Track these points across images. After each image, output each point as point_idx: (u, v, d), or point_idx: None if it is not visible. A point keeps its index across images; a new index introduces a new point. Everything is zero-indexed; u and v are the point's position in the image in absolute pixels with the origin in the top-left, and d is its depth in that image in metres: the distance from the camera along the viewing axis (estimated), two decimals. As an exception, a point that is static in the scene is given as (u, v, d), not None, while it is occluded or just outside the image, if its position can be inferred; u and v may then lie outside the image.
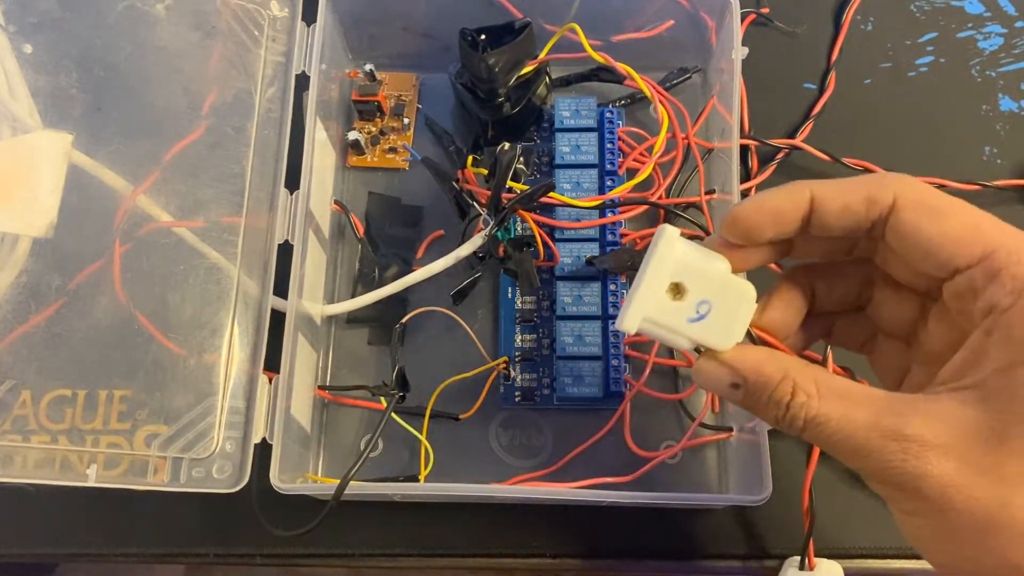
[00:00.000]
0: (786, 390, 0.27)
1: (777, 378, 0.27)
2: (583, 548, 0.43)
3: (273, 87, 0.46)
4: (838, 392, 0.27)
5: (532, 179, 0.48)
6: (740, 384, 0.28)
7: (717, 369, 0.29)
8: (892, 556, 0.43)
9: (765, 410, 0.28)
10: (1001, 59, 0.53)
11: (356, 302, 0.46)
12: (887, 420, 0.25)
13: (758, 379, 0.28)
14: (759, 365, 0.28)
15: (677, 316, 0.28)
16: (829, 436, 0.26)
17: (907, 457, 0.25)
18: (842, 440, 0.26)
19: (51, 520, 0.44)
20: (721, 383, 0.29)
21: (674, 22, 0.48)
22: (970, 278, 0.26)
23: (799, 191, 0.28)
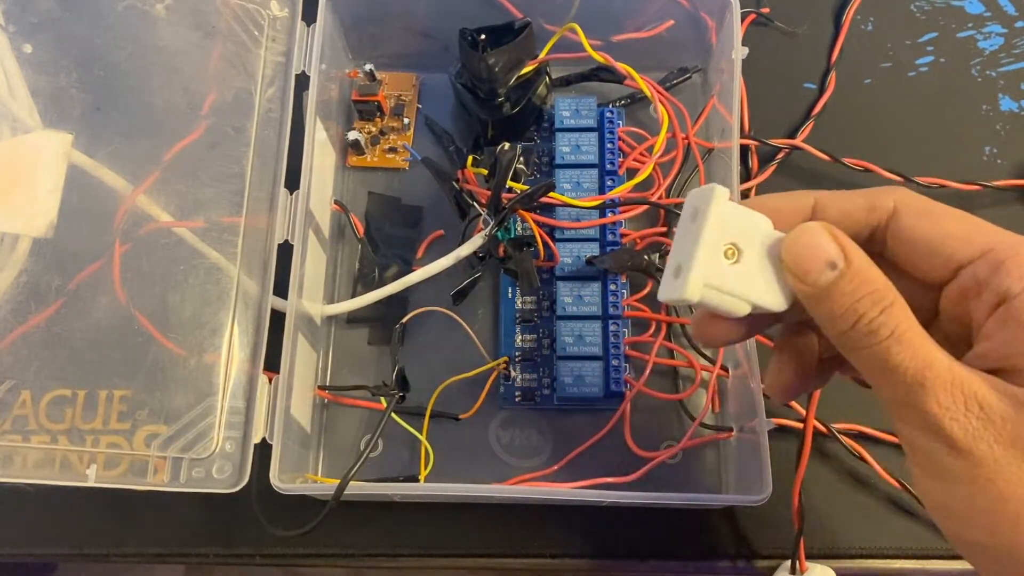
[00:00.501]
0: (889, 294, 0.25)
1: (884, 282, 0.26)
2: (583, 548, 0.43)
3: (273, 87, 0.46)
4: (922, 330, 0.26)
5: (532, 179, 0.48)
6: (839, 267, 0.26)
7: (827, 241, 0.26)
8: (890, 556, 0.43)
9: (854, 304, 0.26)
10: (1001, 59, 0.53)
11: (356, 302, 0.46)
12: (962, 374, 0.25)
13: (864, 269, 0.26)
14: (871, 263, 0.26)
15: (737, 278, 0.27)
16: (907, 359, 0.25)
17: (969, 414, 0.24)
18: (916, 368, 0.25)
19: (51, 520, 0.44)
20: (821, 256, 0.26)
21: (674, 22, 0.48)
22: (974, 271, 0.26)
23: (801, 195, 0.28)
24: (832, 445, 0.44)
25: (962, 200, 0.49)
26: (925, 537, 0.43)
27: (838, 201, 0.28)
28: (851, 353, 0.26)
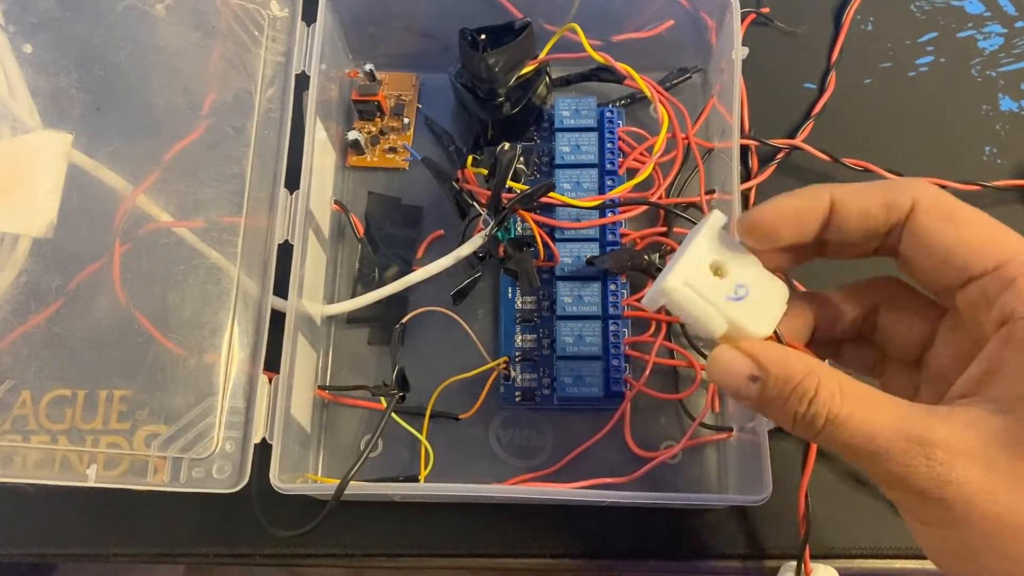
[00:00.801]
0: (811, 385, 0.26)
1: (803, 372, 0.26)
2: (583, 548, 0.43)
3: (273, 87, 0.46)
4: (862, 394, 0.26)
5: (532, 179, 0.48)
6: (760, 377, 0.27)
7: (738, 359, 0.28)
8: (892, 556, 0.43)
9: (784, 406, 0.27)
10: (1001, 59, 0.53)
11: (356, 302, 0.46)
12: (911, 425, 0.25)
13: (781, 372, 0.27)
14: (784, 359, 0.27)
15: (716, 290, 0.28)
16: (850, 437, 0.25)
17: (931, 463, 0.24)
18: (863, 442, 0.25)
19: (51, 520, 0.44)
20: (740, 373, 0.28)
21: (674, 22, 0.48)
22: (984, 287, 0.26)
23: (818, 194, 0.28)
24: (832, 445, 0.44)
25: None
26: (925, 537, 0.43)
27: (855, 198, 0.28)
28: (813, 440, 0.27)
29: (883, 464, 0.25)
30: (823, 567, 0.41)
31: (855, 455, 0.26)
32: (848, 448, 0.26)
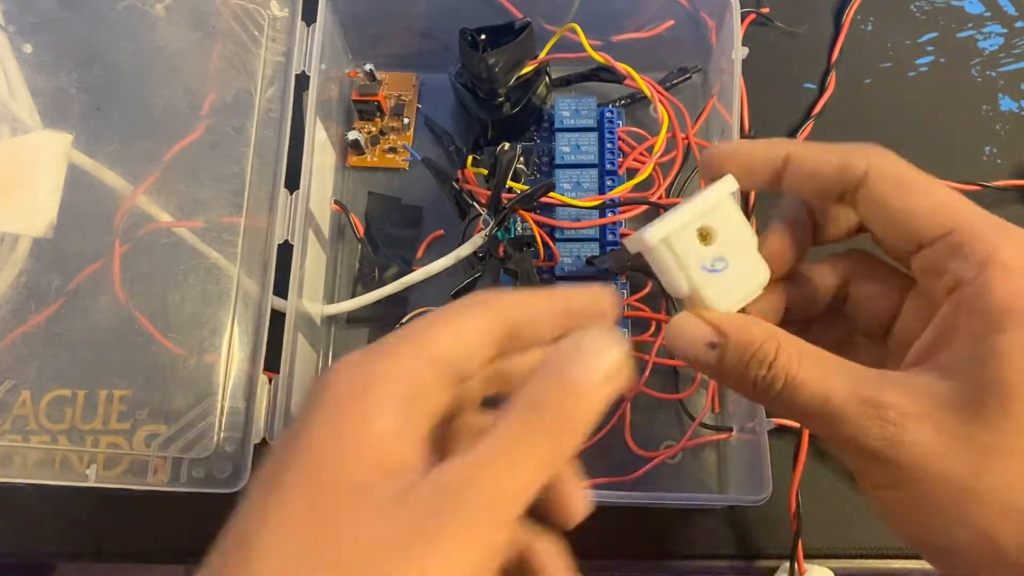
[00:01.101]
0: (770, 349, 0.26)
1: (762, 338, 0.27)
2: (583, 548, 0.43)
3: (273, 87, 0.46)
4: (818, 358, 0.26)
5: (532, 179, 0.48)
6: (718, 344, 0.27)
7: (698, 326, 0.28)
8: (890, 556, 0.43)
9: (744, 371, 0.27)
10: (1001, 59, 0.53)
11: (356, 302, 0.46)
12: (865, 388, 0.25)
13: (741, 337, 0.27)
14: (744, 325, 0.27)
15: (693, 256, 0.28)
16: (806, 401, 0.26)
17: (884, 424, 0.25)
18: (818, 405, 0.25)
19: (51, 520, 0.44)
20: (698, 341, 0.28)
21: (674, 22, 0.48)
22: (934, 254, 0.26)
23: (776, 146, 0.29)
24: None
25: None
26: (925, 537, 0.43)
27: (811, 156, 0.28)
28: (767, 407, 0.27)
29: (837, 426, 0.25)
30: (818, 568, 0.41)
31: (811, 419, 0.26)
32: (804, 412, 0.26)
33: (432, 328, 0.23)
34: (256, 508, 0.22)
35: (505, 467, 0.21)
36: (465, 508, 0.21)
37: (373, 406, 0.22)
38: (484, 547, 0.21)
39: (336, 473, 0.21)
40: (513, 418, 0.22)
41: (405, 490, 0.21)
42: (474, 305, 0.24)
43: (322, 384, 0.23)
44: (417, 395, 0.22)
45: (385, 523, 0.20)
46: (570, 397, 0.23)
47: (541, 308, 0.25)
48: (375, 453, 0.21)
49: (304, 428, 0.22)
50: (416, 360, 0.23)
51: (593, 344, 0.24)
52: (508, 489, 0.21)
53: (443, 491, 0.21)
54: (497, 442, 0.22)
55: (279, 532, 0.21)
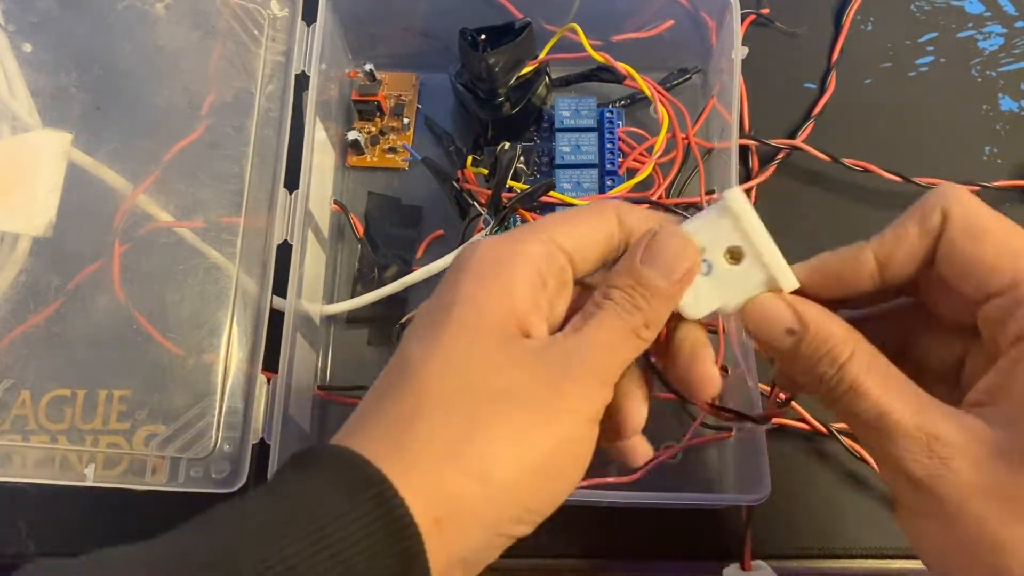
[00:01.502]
0: (845, 350, 0.26)
1: (841, 337, 0.27)
2: (583, 548, 0.43)
3: (273, 87, 0.46)
4: (888, 373, 0.26)
5: (532, 179, 0.48)
6: (797, 332, 0.27)
7: (781, 309, 0.28)
8: (890, 556, 0.43)
9: (815, 365, 0.27)
10: (1001, 59, 0.53)
11: (356, 302, 0.46)
12: (923, 415, 0.25)
13: (820, 332, 0.27)
14: (826, 320, 0.27)
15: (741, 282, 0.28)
16: (864, 410, 0.26)
17: (932, 454, 0.25)
18: (874, 418, 0.26)
19: (51, 520, 0.44)
20: (778, 324, 0.28)
21: (674, 22, 0.48)
22: (1001, 304, 0.26)
23: (859, 256, 0.28)
24: (832, 445, 0.44)
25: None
26: (925, 538, 0.43)
27: (896, 246, 0.28)
28: (828, 405, 0.27)
29: (888, 444, 0.25)
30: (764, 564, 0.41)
31: (865, 429, 0.26)
32: (860, 420, 0.26)
33: (559, 224, 0.28)
34: (420, 349, 0.27)
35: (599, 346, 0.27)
36: (582, 369, 0.26)
37: (512, 277, 0.27)
38: (594, 394, 0.27)
39: (489, 323, 0.26)
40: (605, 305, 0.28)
41: (539, 348, 0.27)
42: (595, 209, 0.29)
43: (468, 254, 0.28)
44: (544, 274, 0.28)
45: (532, 365, 0.26)
46: (648, 294, 0.28)
47: (652, 221, 0.29)
48: (516, 316, 0.27)
49: (458, 285, 0.27)
50: (545, 245, 0.28)
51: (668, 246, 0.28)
52: (601, 360, 0.27)
53: (567, 354, 0.27)
54: (593, 325, 0.27)
55: (443, 367, 0.26)
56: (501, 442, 0.25)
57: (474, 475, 0.24)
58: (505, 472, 0.25)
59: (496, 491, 0.25)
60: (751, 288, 0.28)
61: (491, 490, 0.25)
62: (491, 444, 0.25)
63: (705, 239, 0.28)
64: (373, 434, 0.25)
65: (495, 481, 0.25)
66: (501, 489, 0.25)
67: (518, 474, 0.25)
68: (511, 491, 0.25)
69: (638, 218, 0.29)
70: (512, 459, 0.25)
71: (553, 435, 0.25)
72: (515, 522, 0.26)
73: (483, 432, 0.25)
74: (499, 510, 0.25)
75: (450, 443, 0.25)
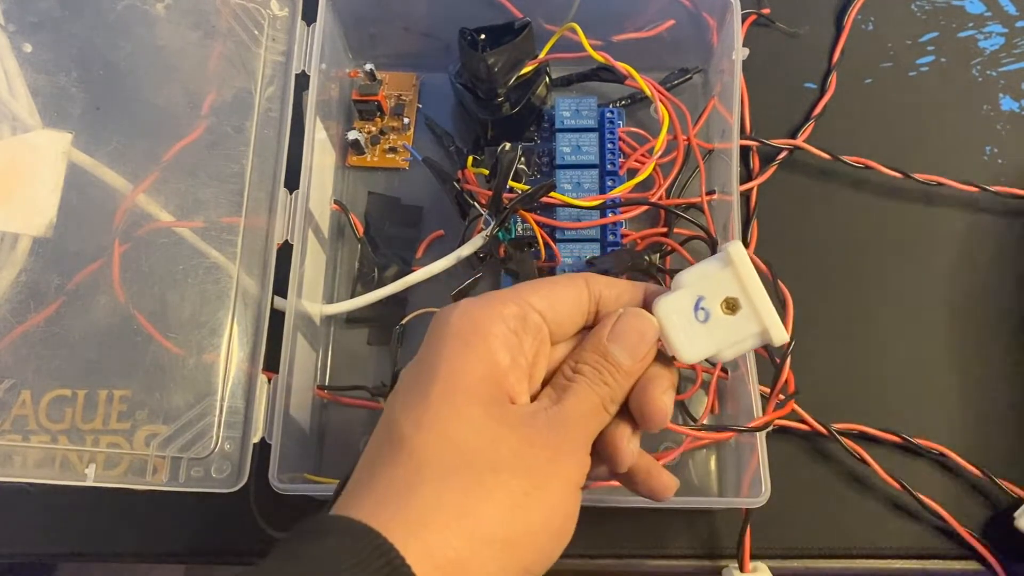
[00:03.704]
0: None
1: None
2: (583, 548, 0.43)
3: (273, 86, 0.46)
4: None
5: (533, 179, 0.48)
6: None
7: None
8: (890, 556, 0.43)
9: None
10: (1002, 59, 0.53)
11: (356, 302, 0.46)
12: None
13: None
14: None
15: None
16: None
17: None
18: None
19: (51, 520, 0.44)
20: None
21: (675, 22, 0.48)
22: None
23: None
24: (832, 445, 0.44)
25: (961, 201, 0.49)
26: (925, 537, 0.43)
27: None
28: None
29: None
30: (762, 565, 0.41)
31: None
32: None
33: (531, 288, 0.30)
34: (410, 419, 0.27)
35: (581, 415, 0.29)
36: (569, 438, 0.28)
37: (490, 340, 0.28)
38: (581, 461, 0.29)
39: (473, 390, 0.27)
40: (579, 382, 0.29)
41: (527, 417, 0.28)
42: (565, 276, 0.31)
43: (444, 319, 0.29)
44: (521, 334, 0.29)
45: (522, 433, 0.27)
46: (614, 372, 0.29)
47: (623, 292, 0.31)
48: (497, 379, 0.28)
49: (439, 351, 0.28)
50: (520, 306, 0.29)
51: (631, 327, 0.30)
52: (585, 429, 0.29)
53: (554, 425, 0.28)
54: (576, 396, 0.29)
55: (439, 439, 0.27)
56: (501, 508, 0.26)
57: (476, 539, 0.25)
58: (506, 536, 0.26)
59: (497, 554, 0.25)
60: (745, 338, 0.30)
61: (493, 553, 0.25)
62: (491, 510, 0.26)
63: (704, 288, 0.29)
64: (372, 502, 0.26)
65: (496, 544, 0.25)
66: (502, 551, 0.26)
67: (517, 537, 0.26)
68: (511, 553, 0.26)
69: (605, 284, 0.31)
70: (511, 523, 0.26)
71: (548, 500, 0.27)
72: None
73: (482, 499, 0.26)
74: (499, 569, 0.26)
75: (451, 510, 0.25)
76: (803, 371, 0.41)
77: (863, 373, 0.46)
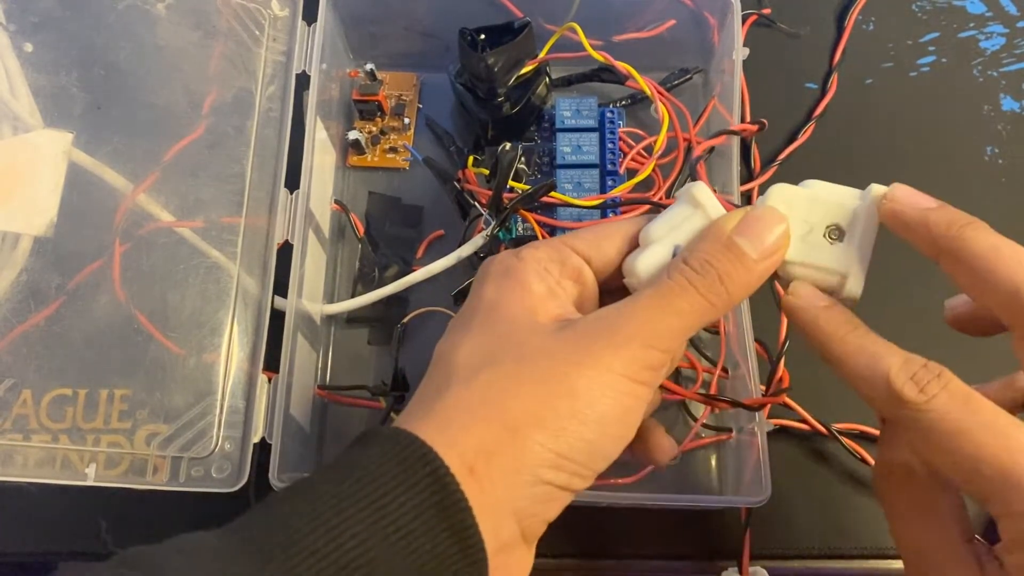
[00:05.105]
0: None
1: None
2: (583, 548, 0.43)
3: (273, 86, 0.46)
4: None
5: (533, 179, 0.48)
6: None
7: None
8: (891, 556, 0.43)
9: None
10: (1003, 59, 0.53)
11: (356, 302, 0.46)
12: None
13: None
14: None
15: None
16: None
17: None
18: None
19: (51, 520, 0.44)
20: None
21: (676, 22, 0.48)
22: None
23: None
24: (832, 445, 0.44)
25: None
26: (925, 538, 0.43)
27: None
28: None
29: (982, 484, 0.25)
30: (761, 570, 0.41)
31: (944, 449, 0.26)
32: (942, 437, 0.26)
33: (576, 232, 0.31)
34: (450, 343, 0.29)
35: (660, 308, 0.27)
36: (620, 332, 0.27)
37: (524, 275, 0.29)
38: (631, 353, 0.26)
39: (509, 316, 0.28)
40: (677, 274, 0.27)
41: (565, 325, 0.28)
42: (617, 219, 0.33)
43: (485, 267, 0.31)
44: (557, 269, 0.29)
45: (553, 342, 0.27)
46: (736, 264, 0.27)
47: None
48: (534, 306, 0.28)
49: (479, 294, 0.30)
50: (556, 249, 0.30)
51: (763, 219, 0.28)
52: (659, 325, 0.27)
53: (601, 317, 0.27)
54: (658, 290, 0.27)
55: (469, 350, 0.28)
56: (524, 396, 0.26)
57: (498, 423, 0.26)
58: (527, 417, 0.26)
59: (522, 435, 0.26)
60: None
61: (517, 435, 0.26)
62: (512, 398, 0.26)
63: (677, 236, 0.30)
64: (411, 414, 0.27)
65: (520, 427, 0.26)
66: (527, 433, 0.26)
67: (541, 416, 0.26)
68: (536, 433, 0.26)
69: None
70: (533, 403, 0.26)
71: (579, 386, 0.26)
72: (551, 468, 0.26)
73: (504, 389, 0.26)
74: (528, 453, 0.26)
75: (475, 402, 0.26)
76: (803, 371, 0.41)
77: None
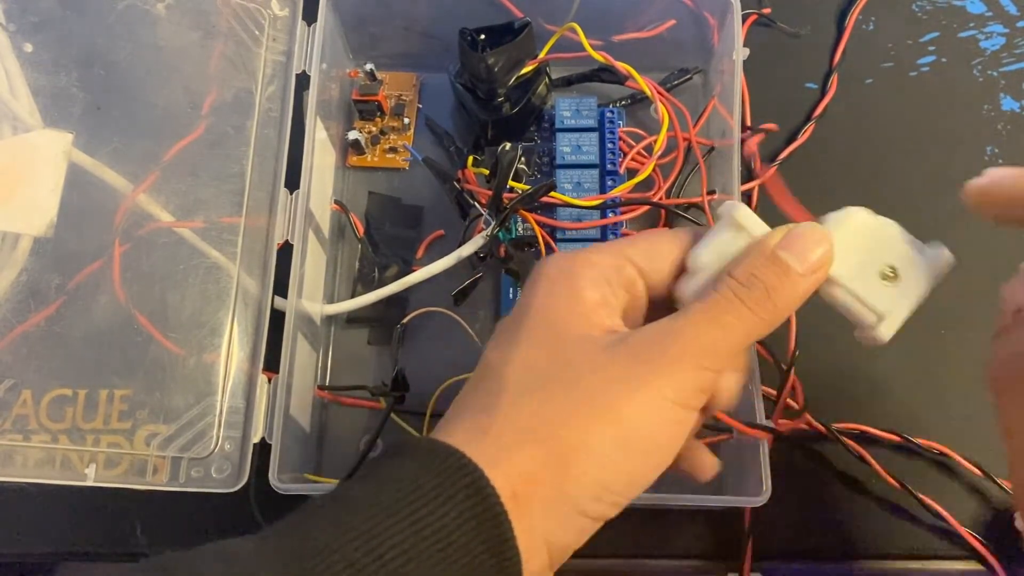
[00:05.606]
0: None
1: None
2: (583, 548, 0.43)
3: (273, 86, 0.46)
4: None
5: (533, 179, 0.48)
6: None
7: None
8: (891, 556, 0.43)
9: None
10: (1003, 59, 0.53)
11: (356, 302, 0.46)
12: None
13: None
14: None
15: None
16: None
17: None
18: None
19: (51, 520, 0.44)
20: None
21: (676, 22, 0.48)
22: None
23: None
24: (832, 445, 0.44)
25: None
26: (925, 537, 0.43)
27: None
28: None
29: None
30: None
31: None
32: None
33: (631, 241, 0.30)
34: (498, 354, 0.28)
35: (708, 324, 0.27)
36: (670, 351, 0.26)
37: (578, 282, 0.28)
38: (682, 375, 0.26)
39: (559, 326, 0.28)
40: (724, 288, 0.27)
41: (616, 341, 0.27)
42: (663, 231, 0.32)
43: (538, 270, 0.30)
44: (612, 278, 0.29)
45: (604, 359, 0.26)
46: (781, 278, 0.27)
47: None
48: (586, 315, 0.28)
49: (530, 298, 0.29)
50: (613, 257, 0.29)
51: (807, 235, 0.28)
52: (707, 340, 0.27)
53: (652, 338, 0.27)
54: (706, 304, 0.27)
55: (520, 365, 0.27)
56: (572, 418, 0.26)
57: (546, 449, 0.25)
58: (575, 445, 0.25)
59: (568, 465, 0.25)
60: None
61: (563, 464, 0.25)
62: (562, 423, 0.26)
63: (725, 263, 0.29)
64: (455, 427, 0.27)
65: (566, 455, 0.25)
66: (574, 462, 0.25)
67: (589, 446, 0.26)
68: (583, 464, 0.25)
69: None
70: (581, 432, 0.26)
71: (624, 413, 0.26)
72: (592, 499, 0.26)
73: (555, 411, 0.26)
74: (572, 483, 0.26)
75: (524, 424, 0.26)
76: (803, 371, 0.41)
77: (863, 373, 0.46)
